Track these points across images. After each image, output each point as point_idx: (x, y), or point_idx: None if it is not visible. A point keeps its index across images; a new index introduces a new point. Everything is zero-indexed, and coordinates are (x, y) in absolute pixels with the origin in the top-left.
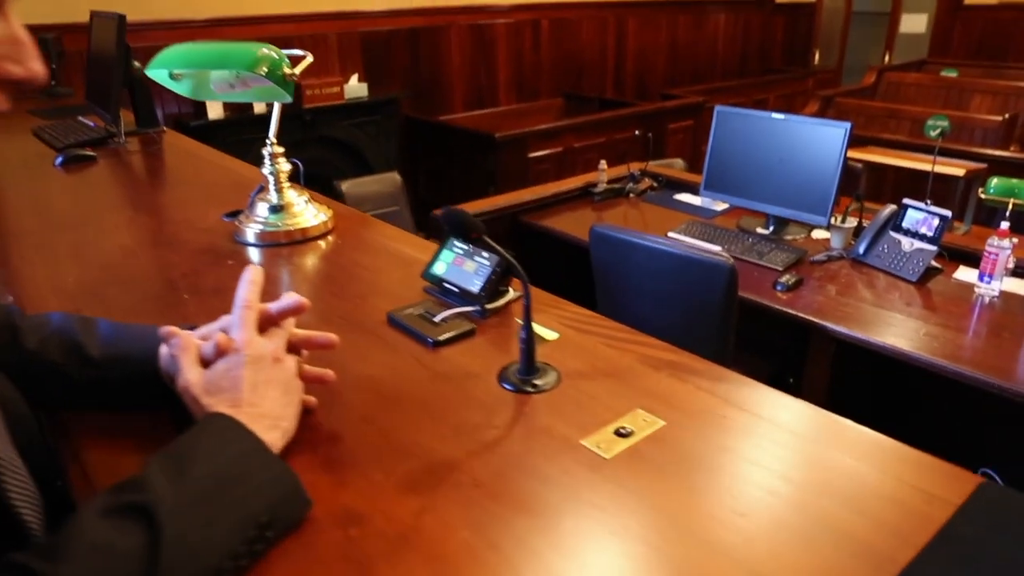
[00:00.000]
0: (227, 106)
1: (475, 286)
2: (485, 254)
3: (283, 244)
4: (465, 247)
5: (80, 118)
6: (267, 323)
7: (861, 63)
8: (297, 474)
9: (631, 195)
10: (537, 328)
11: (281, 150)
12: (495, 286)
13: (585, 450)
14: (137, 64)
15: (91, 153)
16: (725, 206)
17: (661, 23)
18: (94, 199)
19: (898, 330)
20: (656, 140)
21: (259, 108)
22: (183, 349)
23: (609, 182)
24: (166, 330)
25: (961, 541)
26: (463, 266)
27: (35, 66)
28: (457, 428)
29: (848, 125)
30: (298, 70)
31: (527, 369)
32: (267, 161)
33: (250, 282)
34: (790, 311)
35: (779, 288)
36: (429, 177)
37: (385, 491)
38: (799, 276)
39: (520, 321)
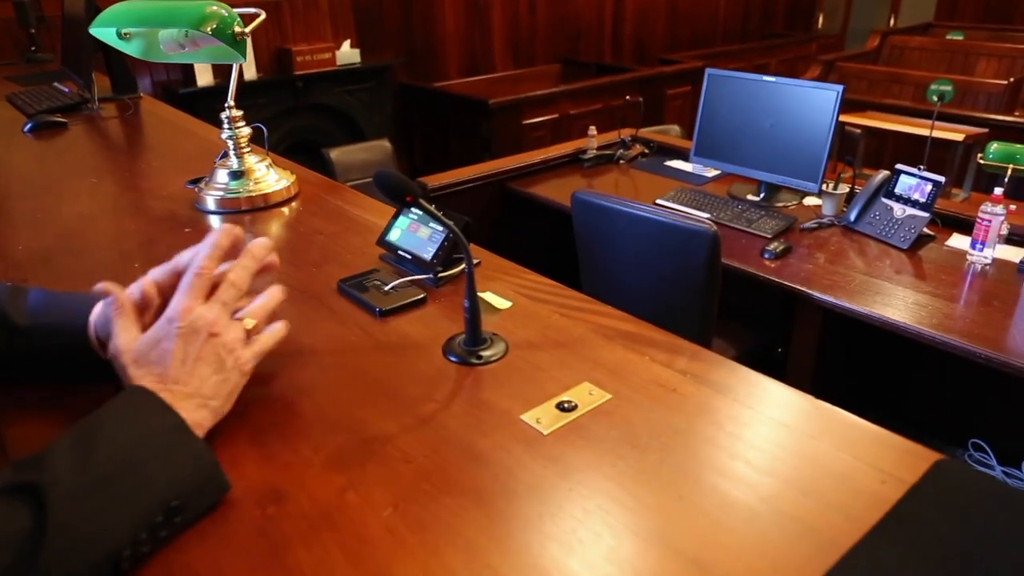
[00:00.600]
0: (217, 72)
1: (428, 253)
2: (437, 222)
3: (244, 211)
4: (419, 213)
5: (55, 84)
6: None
7: (866, 27)
8: (215, 456)
9: (621, 161)
10: (490, 297)
11: (240, 113)
12: (448, 253)
13: (524, 425)
14: None
15: (62, 120)
16: (716, 172)
17: None
18: (60, 166)
19: (886, 299)
20: (655, 106)
21: (250, 74)
22: (118, 310)
23: (600, 148)
24: (102, 286)
25: (910, 521)
26: (417, 232)
27: None
28: (395, 401)
29: (840, 88)
30: (249, 29)
31: (472, 340)
32: (226, 125)
33: (215, 246)
34: (776, 279)
35: (767, 256)
36: (424, 145)
37: (312, 467)
38: (788, 244)
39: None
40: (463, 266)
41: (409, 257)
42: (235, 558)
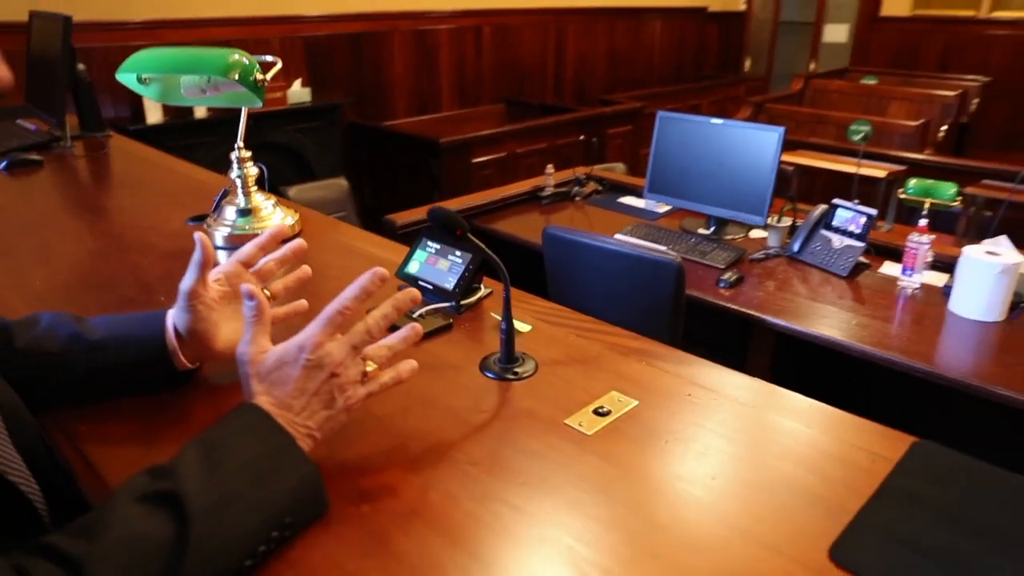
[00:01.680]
0: (167, 110)
1: (449, 283)
2: (458, 253)
3: None
4: (438, 246)
5: (19, 121)
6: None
7: (789, 70)
8: (321, 475)
9: (577, 198)
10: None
11: (248, 154)
12: (468, 283)
13: (569, 428)
14: (82, 66)
15: (37, 157)
16: (668, 208)
17: (600, 30)
18: (48, 204)
19: (832, 321)
20: (597, 145)
21: (199, 112)
22: (256, 318)
23: (556, 186)
24: (248, 289)
25: (902, 490)
26: (436, 264)
27: (3, 72)
28: (448, 413)
29: (782, 129)
30: (269, 75)
31: (507, 358)
32: (235, 165)
33: (362, 288)
34: (733, 307)
35: (722, 285)
36: (373, 182)
37: (391, 472)
38: (740, 273)
39: (496, 316)
40: (480, 295)
41: (430, 287)
42: (345, 548)
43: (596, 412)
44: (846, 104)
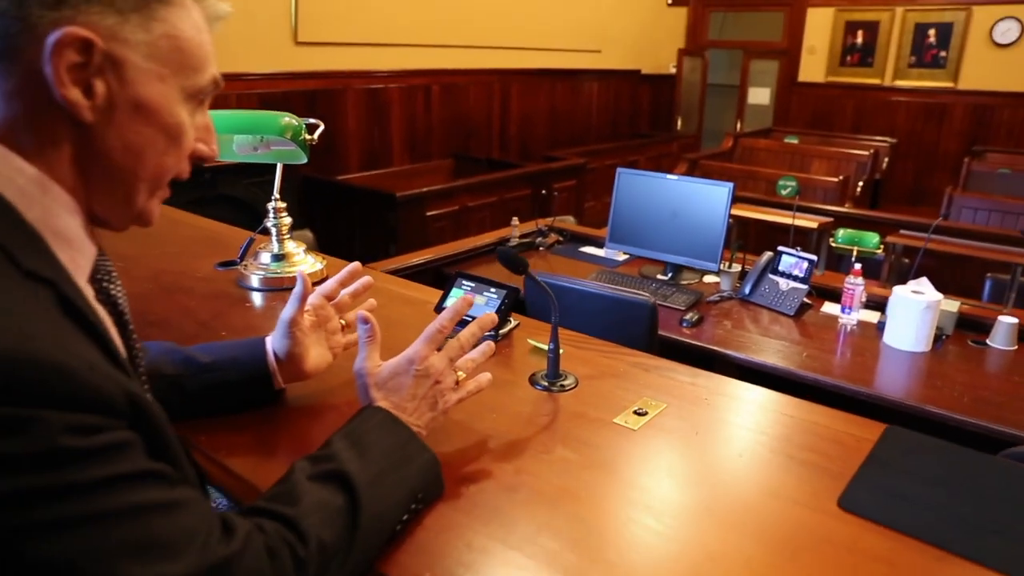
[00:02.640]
0: None
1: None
2: (492, 290)
3: (286, 288)
4: (472, 284)
5: None
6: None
7: (717, 129)
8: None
9: (541, 248)
10: (544, 346)
11: (284, 205)
12: (504, 315)
13: (617, 425)
14: None
15: None
16: (626, 256)
17: (541, 90)
18: None
19: (784, 354)
20: (543, 198)
21: None
22: (371, 337)
23: (521, 236)
24: (363, 314)
25: (886, 460)
26: (475, 300)
27: (216, 147)
28: (514, 417)
29: (731, 185)
30: (316, 135)
31: (554, 374)
32: (271, 215)
33: (454, 311)
34: (697, 343)
35: (684, 324)
36: (327, 235)
37: (482, 461)
38: (700, 314)
39: (532, 342)
40: (511, 326)
41: (470, 320)
42: (466, 518)
43: (636, 413)
44: (772, 161)
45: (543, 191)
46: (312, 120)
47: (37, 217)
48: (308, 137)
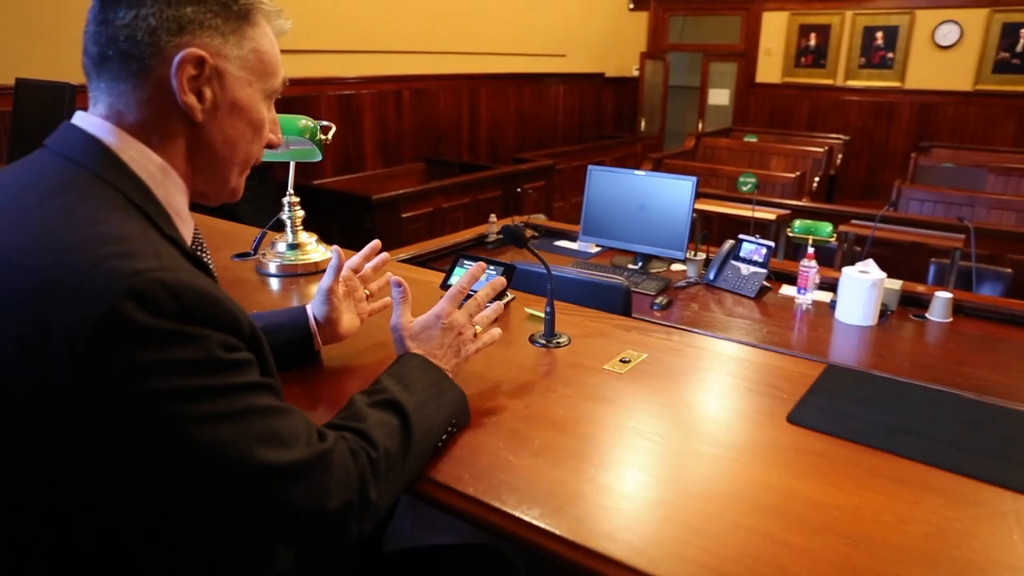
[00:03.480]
0: None
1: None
2: (492, 267)
3: (300, 275)
4: (473, 263)
5: None
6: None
7: (680, 129)
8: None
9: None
10: (539, 312)
11: (297, 199)
12: (504, 290)
13: (608, 371)
14: None
15: None
16: (598, 248)
17: (509, 93)
18: None
19: (747, 332)
20: (515, 199)
21: None
22: (404, 298)
23: (499, 232)
24: (396, 278)
25: (827, 387)
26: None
27: (281, 136)
28: (521, 367)
29: (695, 179)
30: (330, 135)
31: (550, 333)
32: (287, 208)
33: (472, 276)
34: (667, 324)
35: (655, 308)
36: None
37: (498, 400)
38: (669, 298)
39: (528, 310)
40: (507, 299)
41: (473, 295)
42: (491, 439)
43: (621, 361)
44: (733, 159)
45: (518, 190)
46: (325, 122)
47: (162, 196)
48: (322, 137)
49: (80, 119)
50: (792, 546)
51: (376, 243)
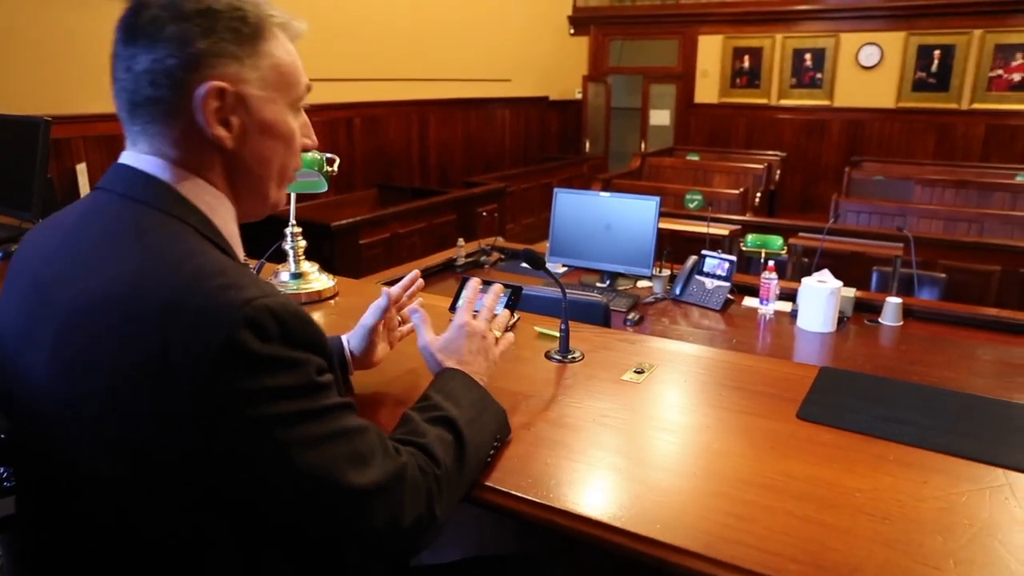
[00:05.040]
0: None
1: (498, 311)
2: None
3: (304, 303)
4: (482, 285)
5: None
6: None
7: (623, 149)
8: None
9: (486, 266)
10: (547, 330)
11: (299, 230)
12: (512, 310)
13: (625, 381)
14: (82, 167)
15: None
16: (565, 268)
17: (456, 118)
18: None
19: (715, 342)
20: (468, 223)
21: None
22: (424, 320)
23: (467, 256)
24: (413, 306)
25: (827, 387)
26: (482, 299)
27: (315, 138)
28: (544, 382)
29: (658, 199)
30: (335, 167)
31: (565, 349)
32: (289, 239)
33: (472, 288)
34: (643, 337)
35: (628, 324)
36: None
37: (528, 413)
38: (640, 314)
39: (538, 329)
40: (514, 319)
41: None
42: (535, 449)
43: (636, 371)
44: (677, 177)
45: (483, 213)
46: (329, 154)
47: (220, 224)
48: (329, 169)
49: (129, 158)
50: (827, 525)
51: (416, 273)
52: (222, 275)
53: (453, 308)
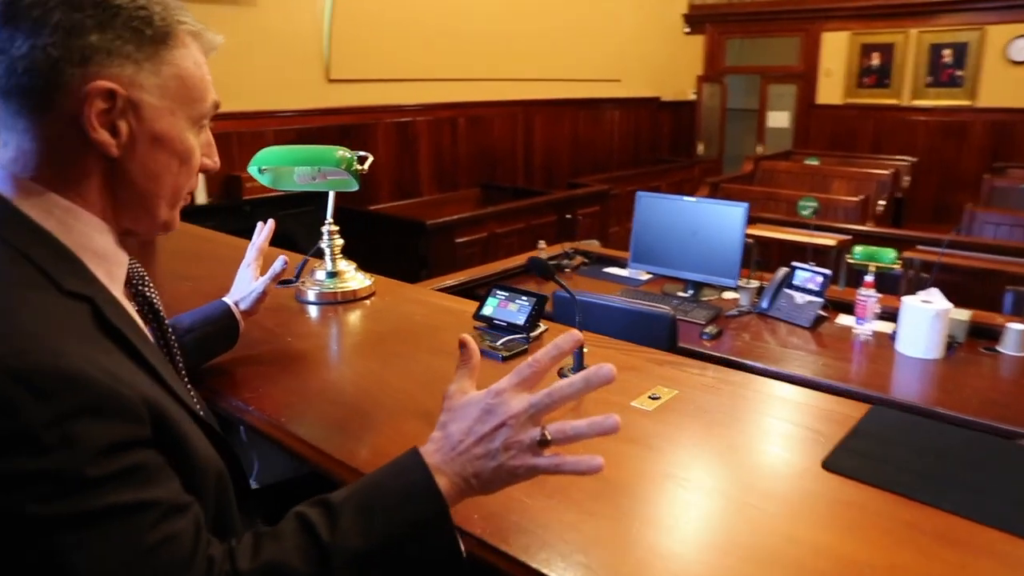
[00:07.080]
0: (209, 192)
1: (520, 320)
2: (524, 298)
3: (339, 302)
4: (506, 294)
5: None
6: None
7: (738, 153)
8: (464, 550)
9: (567, 270)
10: None
11: (337, 228)
12: (534, 320)
13: (636, 408)
14: None
15: None
16: (648, 276)
17: (564, 119)
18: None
19: (801, 363)
20: (569, 224)
21: (201, 199)
22: (464, 362)
23: (549, 259)
24: (463, 338)
25: (870, 431)
26: (508, 307)
27: (217, 159)
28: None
29: (746, 205)
30: (366, 165)
31: (579, 367)
32: (325, 237)
33: (557, 347)
34: (717, 354)
35: (705, 337)
36: (361, 262)
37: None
38: (719, 327)
39: None
40: (540, 330)
41: (504, 324)
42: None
43: (651, 397)
44: (793, 183)
45: (567, 216)
46: (362, 152)
47: (75, 241)
48: (359, 167)
49: None
50: None
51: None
52: None
53: (479, 315)
